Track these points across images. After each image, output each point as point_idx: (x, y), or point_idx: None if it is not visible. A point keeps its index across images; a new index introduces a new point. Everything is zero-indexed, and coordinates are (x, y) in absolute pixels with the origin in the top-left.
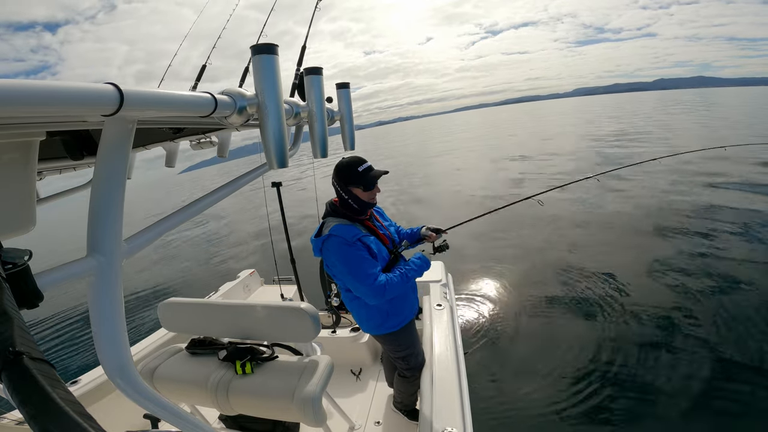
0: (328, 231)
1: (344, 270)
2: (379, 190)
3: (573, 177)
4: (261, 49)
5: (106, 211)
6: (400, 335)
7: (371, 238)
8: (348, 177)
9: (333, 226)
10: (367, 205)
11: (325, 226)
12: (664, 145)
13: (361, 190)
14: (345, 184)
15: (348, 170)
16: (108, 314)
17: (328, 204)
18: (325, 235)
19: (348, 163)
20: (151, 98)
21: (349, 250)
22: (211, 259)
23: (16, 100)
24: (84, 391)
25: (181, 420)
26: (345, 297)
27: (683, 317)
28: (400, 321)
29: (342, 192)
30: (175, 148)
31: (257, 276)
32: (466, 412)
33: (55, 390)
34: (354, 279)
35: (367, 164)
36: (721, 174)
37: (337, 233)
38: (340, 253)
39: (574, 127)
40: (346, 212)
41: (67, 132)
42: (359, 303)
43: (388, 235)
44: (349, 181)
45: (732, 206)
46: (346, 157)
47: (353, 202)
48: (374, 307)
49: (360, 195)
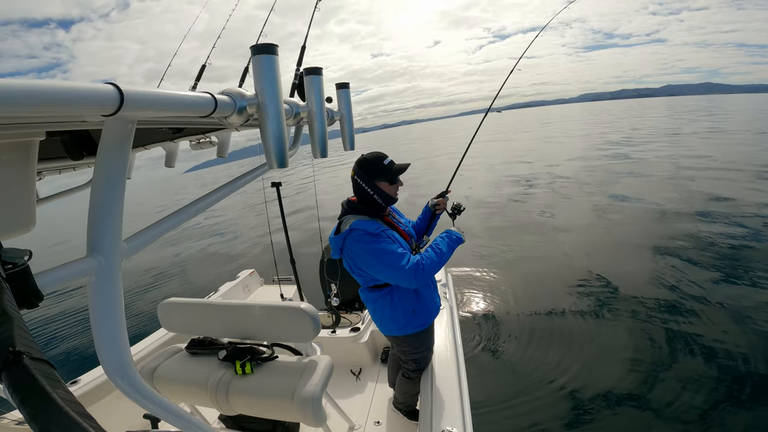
0: (349, 225)
1: (372, 260)
2: (401, 183)
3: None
4: (261, 50)
5: (106, 211)
6: (422, 336)
7: (393, 233)
8: (374, 171)
9: (354, 221)
10: (390, 199)
11: (344, 223)
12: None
13: (387, 184)
14: (370, 178)
15: (374, 164)
16: (108, 314)
17: (345, 203)
18: (347, 229)
19: (374, 158)
20: (151, 98)
21: (375, 239)
22: (211, 259)
23: (16, 100)
24: (84, 391)
25: (181, 420)
26: (367, 297)
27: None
28: (426, 320)
29: (366, 187)
30: (175, 148)
31: (257, 276)
32: (466, 412)
33: (55, 390)
34: (385, 265)
35: (390, 158)
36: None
37: (359, 226)
38: (365, 243)
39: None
40: (366, 209)
41: (67, 132)
42: (384, 303)
43: (407, 230)
44: (375, 175)
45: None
46: (366, 153)
47: (378, 196)
48: (400, 307)
49: (386, 189)
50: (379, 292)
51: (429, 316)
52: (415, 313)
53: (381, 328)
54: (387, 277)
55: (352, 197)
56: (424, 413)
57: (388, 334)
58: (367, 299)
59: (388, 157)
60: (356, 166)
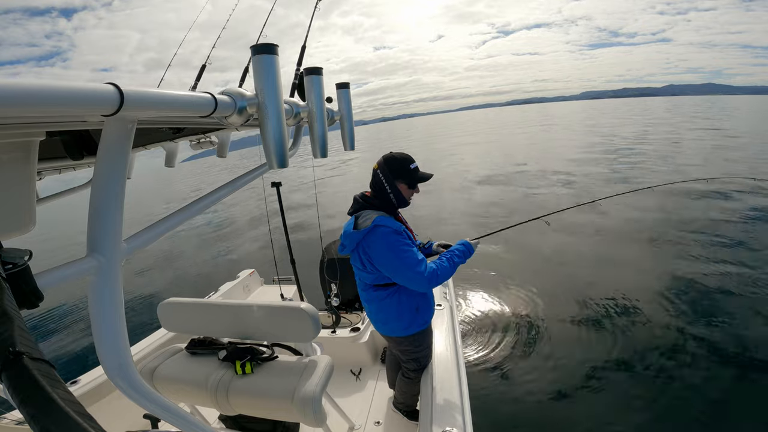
0: (372, 222)
1: (394, 259)
2: (418, 190)
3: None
4: (261, 49)
5: (106, 211)
6: (423, 334)
7: (408, 232)
8: (399, 171)
9: (377, 217)
10: (405, 202)
11: (363, 218)
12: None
13: (406, 187)
14: (393, 177)
15: (402, 164)
16: (108, 314)
17: (358, 197)
18: (369, 226)
19: (402, 158)
20: (151, 98)
21: (399, 239)
22: (211, 259)
23: (16, 100)
24: (84, 391)
25: (181, 420)
26: (371, 297)
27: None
28: (428, 318)
29: (386, 184)
30: (175, 148)
31: (257, 276)
32: (466, 412)
33: (55, 390)
34: (405, 267)
35: (417, 164)
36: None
37: (384, 224)
38: (390, 242)
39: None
40: (383, 205)
41: (67, 132)
42: (391, 302)
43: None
44: (398, 175)
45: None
46: (395, 151)
47: (394, 196)
48: (406, 306)
49: (403, 191)
50: (386, 290)
51: (430, 313)
52: (418, 311)
53: (383, 328)
54: (402, 278)
55: (366, 192)
56: (424, 413)
57: (390, 334)
58: (370, 299)
59: (416, 162)
60: (382, 160)
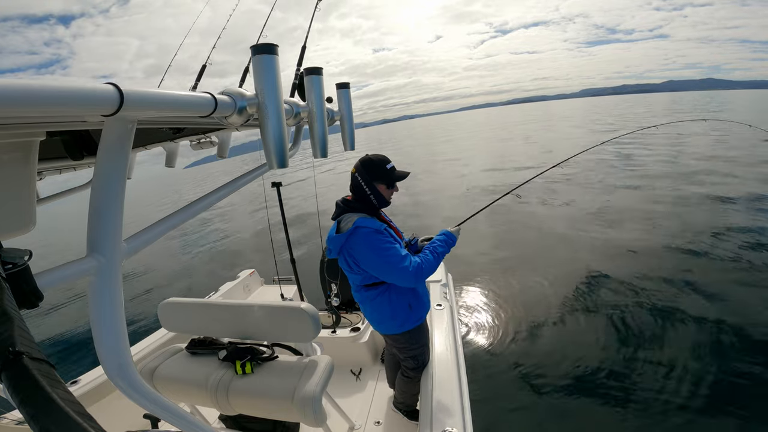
0: (353, 224)
1: (376, 258)
2: (397, 189)
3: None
4: (261, 49)
5: (106, 211)
6: (418, 331)
7: (391, 231)
8: (376, 172)
9: (357, 219)
10: (385, 202)
11: (345, 221)
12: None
13: (385, 188)
14: (371, 178)
15: (378, 166)
16: (108, 314)
17: (340, 201)
18: (350, 228)
19: (379, 160)
20: (151, 98)
21: (380, 238)
22: (212, 259)
23: (16, 100)
24: (84, 391)
25: (181, 420)
26: (363, 297)
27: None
28: (422, 314)
29: (365, 186)
30: (175, 148)
31: (257, 276)
32: (466, 412)
33: (55, 390)
34: (389, 265)
35: (393, 163)
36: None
37: (364, 224)
38: (370, 241)
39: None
40: (363, 207)
41: (67, 132)
42: (382, 300)
43: (398, 230)
44: (376, 177)
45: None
46: (371, 153)
47: (374, 197)
48: (399, 303)
49: (382, 191)
50: (376, 289)
51: (424, 310)
52: (411, 308)
53: (379, 327)
54: (388, 276)
55: (347, 196)
56: (424, 413)
57: (386, 332)
58: (363, 299)
59: (391, 162)
60: (359, 164)
